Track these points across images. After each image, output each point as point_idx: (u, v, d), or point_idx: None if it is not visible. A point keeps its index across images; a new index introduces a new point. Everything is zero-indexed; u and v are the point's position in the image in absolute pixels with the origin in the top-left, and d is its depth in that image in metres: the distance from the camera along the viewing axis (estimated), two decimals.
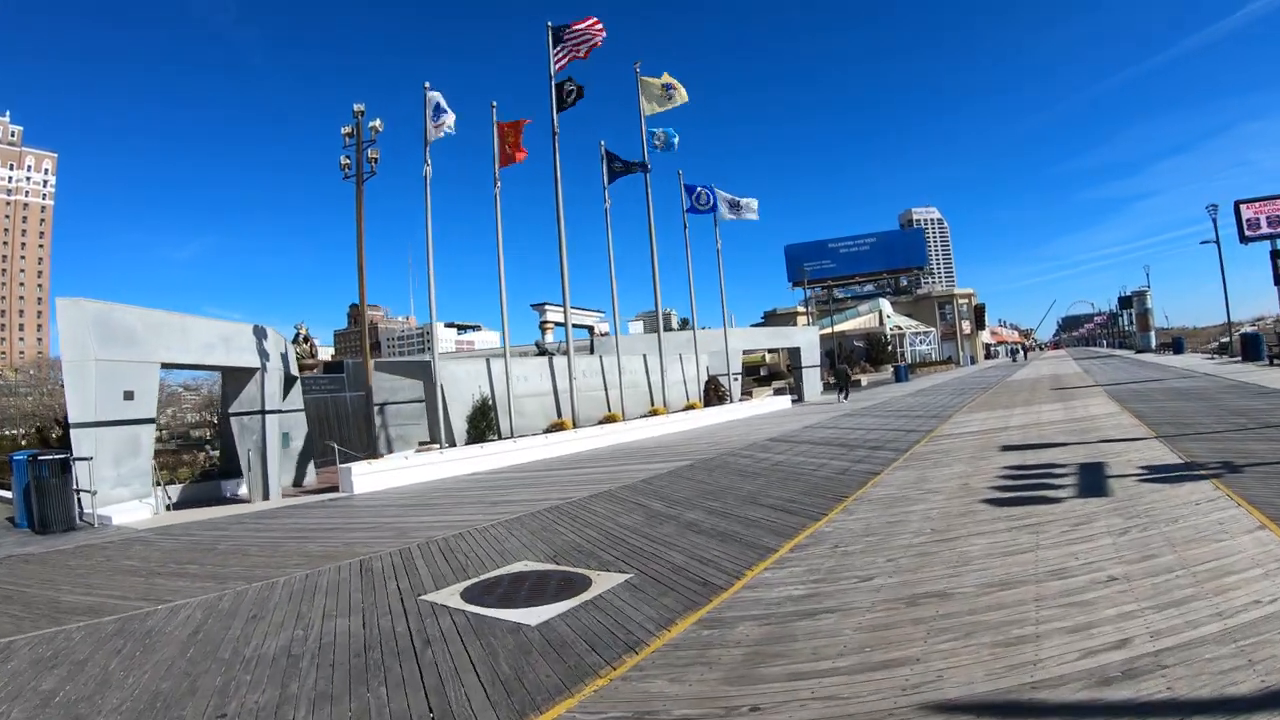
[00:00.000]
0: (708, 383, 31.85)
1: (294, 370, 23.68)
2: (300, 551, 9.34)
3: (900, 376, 51.01)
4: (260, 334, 18.09)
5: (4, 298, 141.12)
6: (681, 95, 28.56)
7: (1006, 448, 13.14)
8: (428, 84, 20.30)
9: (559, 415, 24.31)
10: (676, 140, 28.79)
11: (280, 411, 19.55)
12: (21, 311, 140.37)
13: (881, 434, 17.62)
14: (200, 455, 28.03)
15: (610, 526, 9.37)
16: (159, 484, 16.62)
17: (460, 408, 21.81)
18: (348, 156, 19.80)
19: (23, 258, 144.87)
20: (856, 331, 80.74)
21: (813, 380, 41.60)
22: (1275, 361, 29.01)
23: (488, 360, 23.51)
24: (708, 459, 15.51)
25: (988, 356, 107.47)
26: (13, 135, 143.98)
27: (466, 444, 20.53)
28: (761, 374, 64.42)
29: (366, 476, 16.29)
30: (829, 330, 68.00)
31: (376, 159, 19.65)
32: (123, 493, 14.20)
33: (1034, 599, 5.33)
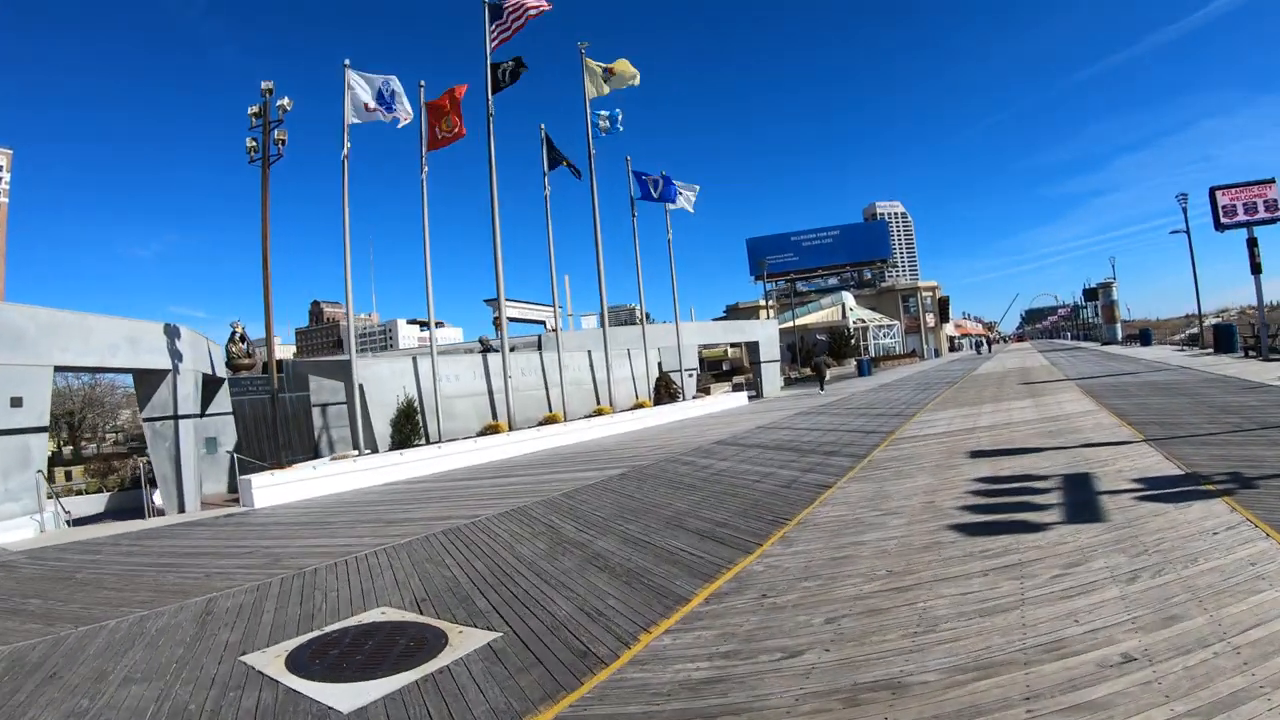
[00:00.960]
0: (658, 380, 30.28)
1: (220, 371, 22.20)
2: (155, 584, 8.07)
3: (863, 370, 49.79)
4: (172, 333, 16.95)
5: None
6: (629, 74, 26.93)
7: (976, 453, 11.60)
8: (347, 61, 18.62)
9: (494, 417, 22.72)
10: (619, 119, 27.19)
11: (197, 416, 18.45)
12: None
13: (839, 435, 16.11)
14: (131, 462, 26.68)
15: (505, 558, 7.86)
16: (54, 497, 15.26)
17: (383, 410, 20.17)
18: (254, 139, 18.02)
19: None
20: (819, 325, 79.57)
21: (772, 376, 40.30)
22: (1250, 353, 27.85)
23: (414, 358, 21.83)
24: (643, 466, 14.02)
25: (952, 349, 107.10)
26: None
27: (391, 449, 18.90)
28: (724, 369, 63.36)
29: (269, 489, 14.79)
30: (790, 324, 66.67)
31: (284, 141, 17.85)
32: (12, 508, 12.82)
33: (1023, 696, 3.77)
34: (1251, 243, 25.31)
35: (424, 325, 65.51)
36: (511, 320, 58.25)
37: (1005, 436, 13.10)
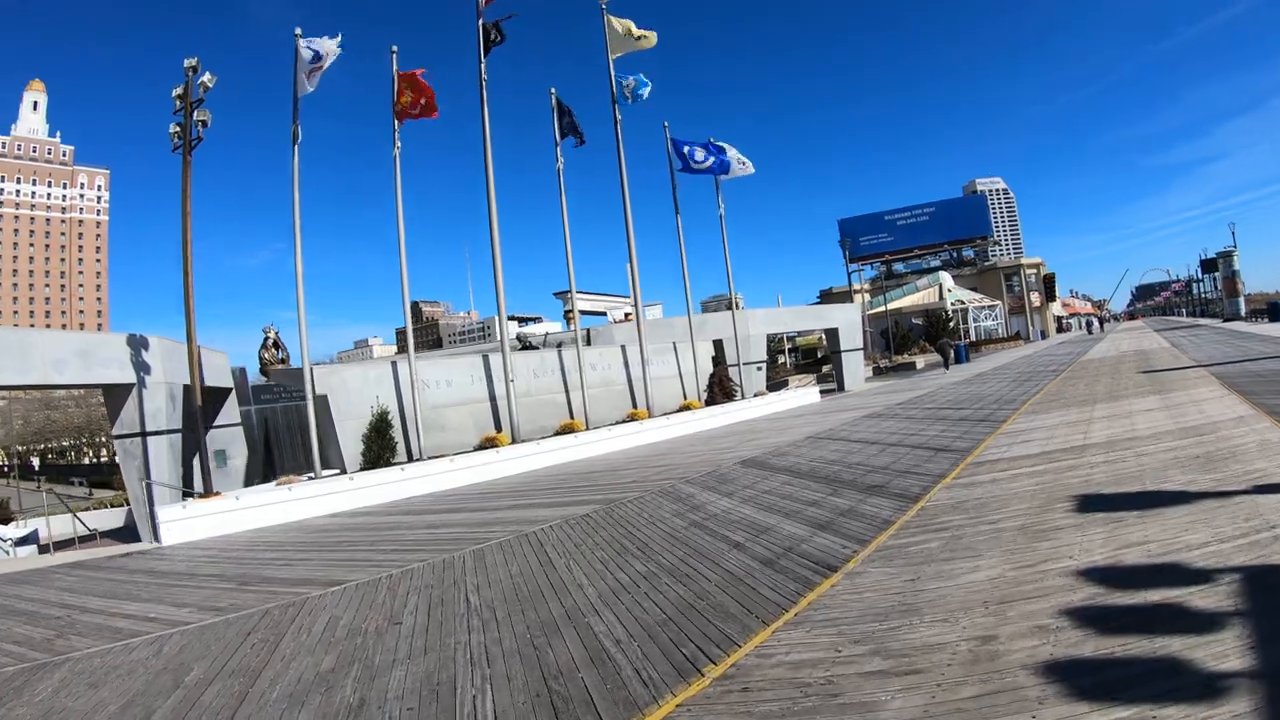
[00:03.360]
0: (712, 376, 26.06)
1: (225, 382, 20.11)
2: None
3: (959, 357, 44.14)
4: (137, 345, 15.64)
5: (65, 312, 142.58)
6: (650, 39, 23.22)
7: (1085, 501, 7.39)
8: (298, 30, 16.13)
9: (497, 427, 19.13)
10: (647, 90, 23.34)
11: (174, 432, 16.56)
12: (82, 325, 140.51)
13: (897, 455, 11.89)
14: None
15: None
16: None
17: (354, 425, 17.17)
18: (178, 124, 15.15)
19: (80, 273, 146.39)
20: (915, 308, 73.49)
21: (855, 366, 35.72)
22: None
23: (393, 363, 18.41)
24: (623, 502, 10.83)
25: (1060, 330, 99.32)
26: (65, 155, 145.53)
27: (363, 470, 15.99)
28: (819, 357, 58.93)
29: (181, 523, 12.71)
30: (881, 309, 61.44)
31: (206, 122, 14.97)
32: None
33: None
34: None
35: (523, 321, 62.82)
36: (587, 314, 54.98)
37: (1130, 465, 8.74)
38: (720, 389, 25.48)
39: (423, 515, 12.50)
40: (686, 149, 25.25)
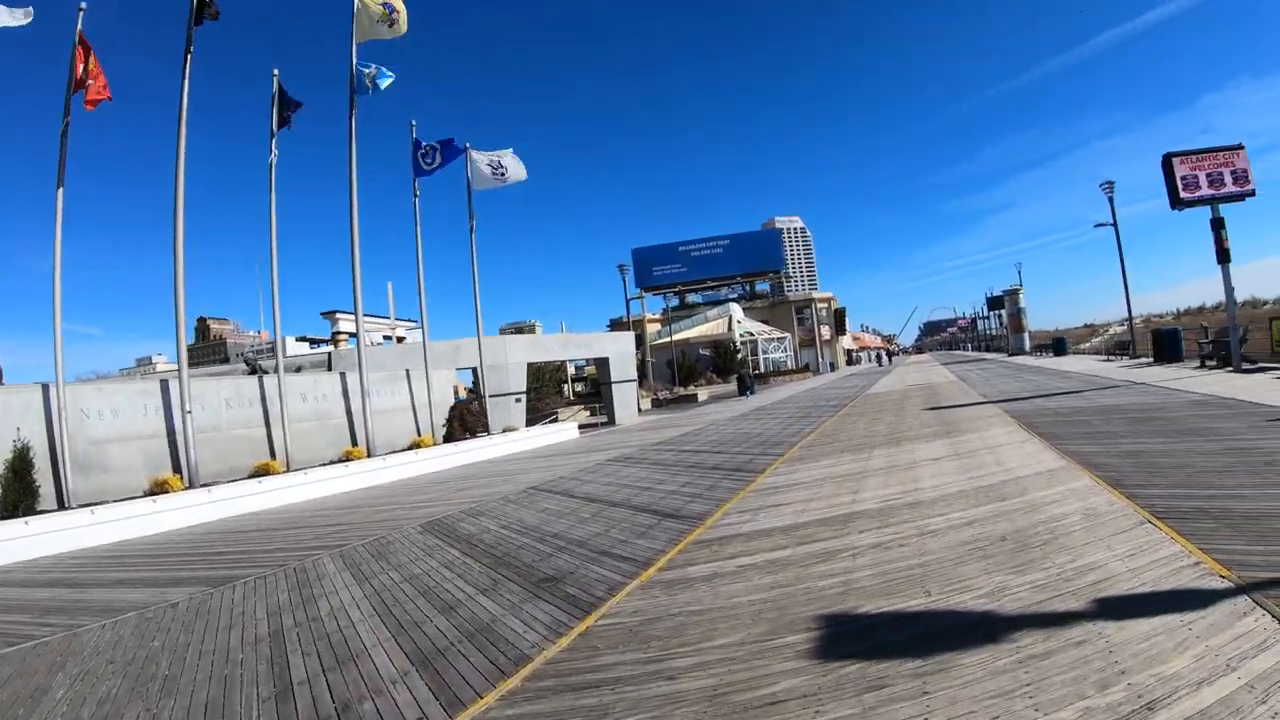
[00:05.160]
0: (453, 409, 23.01)
1: None
2: None
3: (745, 388, 43.20)
4: None
5: None
6: (401, 23, 20.43)
7: (833, 629, 4.73)
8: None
9: (176, 468, 15.65)
10: (387, 82, 20.27)
11: None
12: None
13: (607, 524, 9.07)
14: None
15: None
16: None
17: None
18: None
19: None
20: (703, 339, 73.23)
21: (627, 399, 33.52)
22: (1209, 363, 22.32)
23: (44, 387, 14.48)
24: (239, 580, 8.05)
25: (850, 363, 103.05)
26: None
27: None
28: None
29: None
30: (667, 340, 60.45)
31: None
32: None
33: None
34: (1217, 224, 19.67)
35: (315, 343, 57.29)
36: (352, 335, 50.59)
37: (909, 555, 6.16)
38: (461, 424, 22.54)
39: None
40: (423, 151, 22.36)
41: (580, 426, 29.51)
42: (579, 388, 59.15)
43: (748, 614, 5.09)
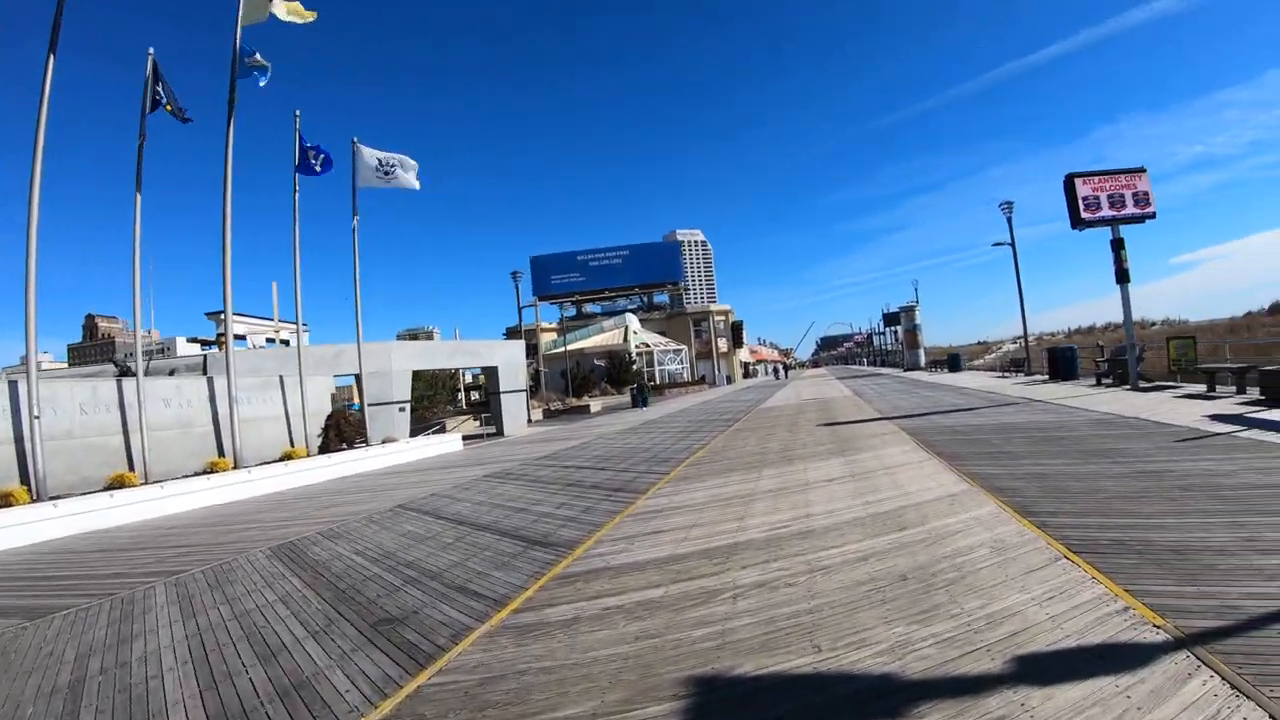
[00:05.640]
0: (329, 418, 22.17)
1: None
2: None
3: (637, 401, 43.08)
4: None
5: None
6: (304, 12, 19.69)
7: (702, 697, 4.01)
8: None
9: (23, 479, 14.62)
10: (268, 73, 19.43)
11: None
12: None
13: (468, 551, 8.28)
14: None
15: None
16: None
17: None
18: None
19: None
20: (598, 349, 72.83)
21: (516, 409, 32.89)
22: (1105, 381, 22.87)
23: None
24: None
25: (746, 375, 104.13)
26: None
27: None
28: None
29: None
30: (561, 350, 59.94)
31: None
32: None
33: None
34: (1117, 244, 20.07)
35: (206, 344, 54.65)
36: (240, 339, 48.73)
37: (797, 598, 5.48)
38: (338, 434, 21.68)
39: None
40: (312, 151, 21.57)
41: (466, 438, 28.68)
42: (476, 396, 58.23)
43: (606, 674, 4.36)
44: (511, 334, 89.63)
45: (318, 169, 21.45)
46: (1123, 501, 7.22)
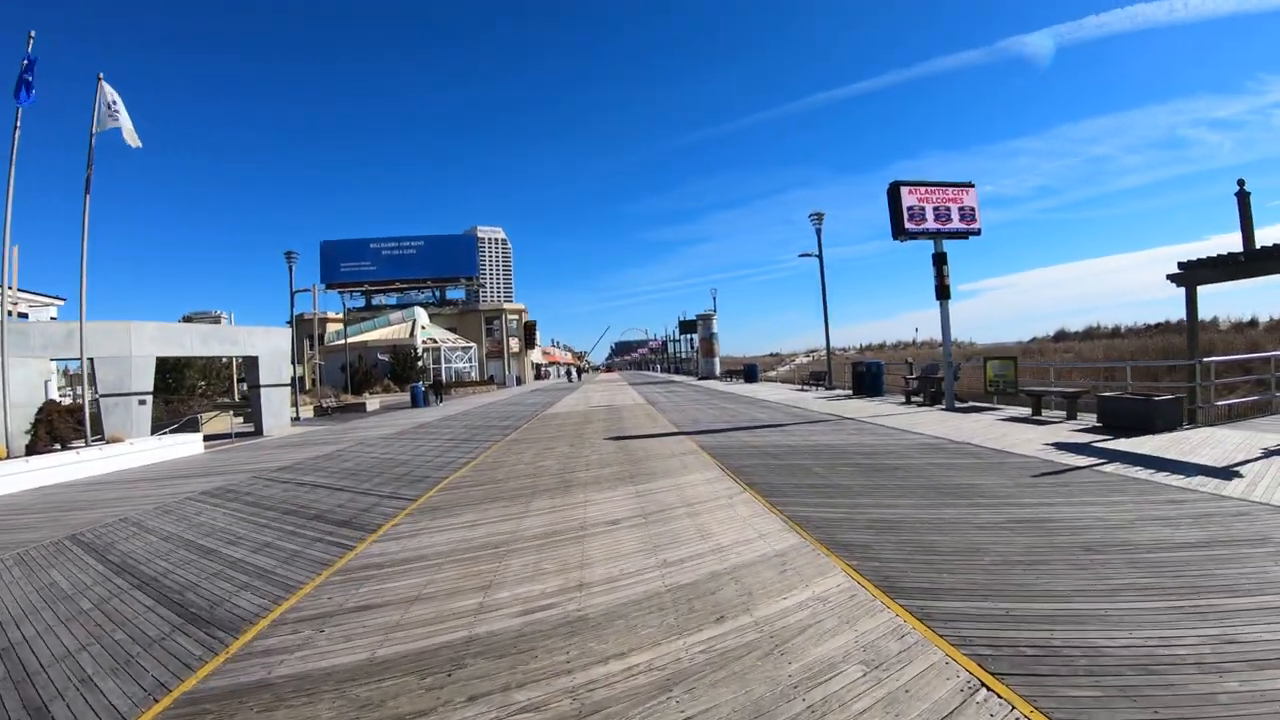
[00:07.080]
0: (40, 412, 19.13)
1: None
2: None
3: (418, 400, 40.97)
4: None
5: None
6: None
7: None
8: None
9: None
10: None
11: None
12: None
13: (98, 629, 5.40)
14: None
15: None
16: None
17: None
18: None
19: None
20: (383, 343, 69.42)
21: (279, 405, 29.99)
22: (915, 399, 22.52)
23: None
24: None
25: (538, 377, 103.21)
26: None
27: None
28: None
29: None
30: (342, 342, 56.68)
31: None
32: None
33: None
34: (939, 259, 19.78)
35: None
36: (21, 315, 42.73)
37: None
38: (49, 431, 18.24)
39: None
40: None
41: (210, 438, 25.89)
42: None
43: None
44: (297, 322, 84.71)
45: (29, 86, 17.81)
46: (1020, 571, 5.44)
